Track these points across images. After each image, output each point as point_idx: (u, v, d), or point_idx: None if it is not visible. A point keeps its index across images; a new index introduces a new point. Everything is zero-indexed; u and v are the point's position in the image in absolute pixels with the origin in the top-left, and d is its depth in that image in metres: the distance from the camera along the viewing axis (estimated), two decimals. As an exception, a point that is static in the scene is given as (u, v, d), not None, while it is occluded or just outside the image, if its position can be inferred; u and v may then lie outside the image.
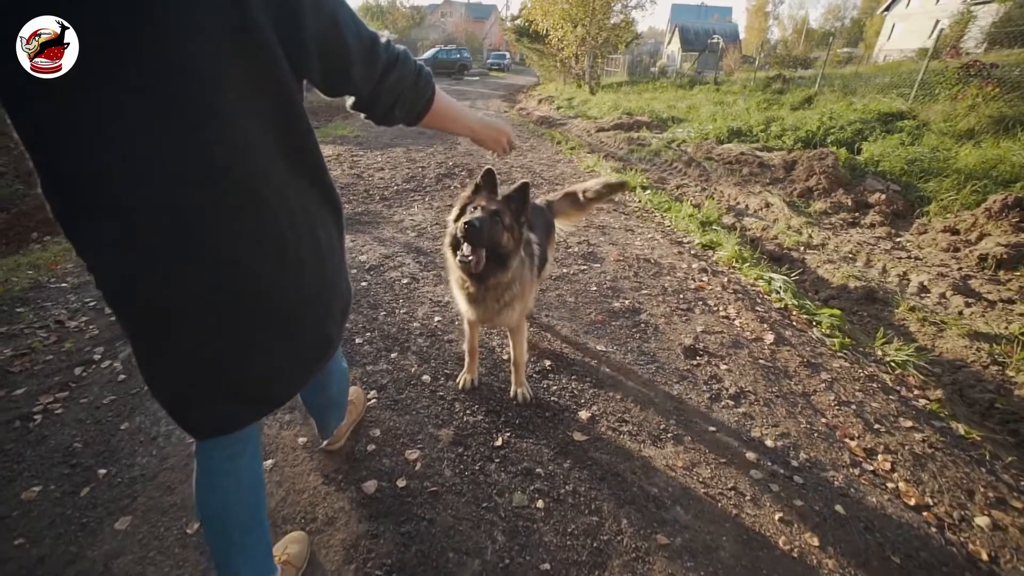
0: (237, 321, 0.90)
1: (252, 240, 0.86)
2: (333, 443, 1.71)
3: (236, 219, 0.83)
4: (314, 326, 1.03)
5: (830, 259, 4.18)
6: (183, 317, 0.87)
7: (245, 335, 0.92)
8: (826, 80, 10.51)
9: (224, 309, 0.88)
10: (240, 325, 0.90)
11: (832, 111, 7.85)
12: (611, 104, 12.00)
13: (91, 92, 0.71)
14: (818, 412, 2.07)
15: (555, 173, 6.07)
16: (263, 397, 1.02)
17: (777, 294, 3.14)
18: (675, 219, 4.41)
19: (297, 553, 1.34)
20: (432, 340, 2.38)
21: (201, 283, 0.84)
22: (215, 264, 0.84)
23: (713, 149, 7.58)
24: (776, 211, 5.35)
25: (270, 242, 0.88)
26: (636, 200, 5.03)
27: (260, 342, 0.94)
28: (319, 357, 1.08)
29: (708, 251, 3.83)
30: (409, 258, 3.27)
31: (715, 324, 2.69)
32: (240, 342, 0.92)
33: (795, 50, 35.32)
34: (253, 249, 0.86)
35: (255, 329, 0.92)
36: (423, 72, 1.01)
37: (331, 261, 1.02)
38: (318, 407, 1.50)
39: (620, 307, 2.79)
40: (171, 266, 0.82)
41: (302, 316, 0.99)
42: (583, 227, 4.07)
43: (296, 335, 1.00)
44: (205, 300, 0.86)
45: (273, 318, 0.94)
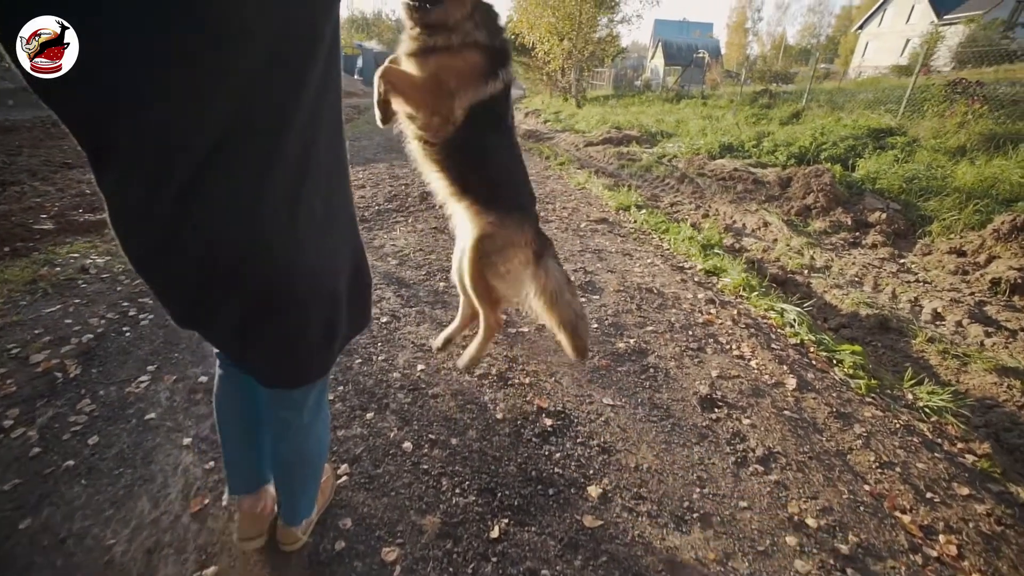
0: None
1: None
2: (291, 540, 1.39)
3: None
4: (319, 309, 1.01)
5: (837, 283, 3.98)
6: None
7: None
8: (812, 95, 10.52)
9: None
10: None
11: (823, 127, 7.78)
12: (599, 118, 11.89)
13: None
14: (859, 477, 1.81)
15: (545, 190, 5.82)
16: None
17: (792, 328, 2.90)
18: (674, 242, 4.17)
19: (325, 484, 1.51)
20: (414, 395, 2.07)
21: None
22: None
23: (705, 164, 7.44)
24: (775, 230, 5.16)
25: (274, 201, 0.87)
26: (632, 220, 4.79)
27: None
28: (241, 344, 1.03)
29: (712, 278, 3.59)
30: (390, 291, 2.96)
31: (730, 366, 2.43)
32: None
33: (775, 65, 36.05)
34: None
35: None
36: None
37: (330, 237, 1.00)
38: (280, 465, 1.32)
39: (625, 348, 2.51)
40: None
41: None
42: (578, 251, 3.81)
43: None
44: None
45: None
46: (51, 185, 5.17)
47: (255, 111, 0.81)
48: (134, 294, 2.79)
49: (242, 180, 0.84)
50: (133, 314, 2.58)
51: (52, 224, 3.94)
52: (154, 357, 2.23)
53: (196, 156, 0.79)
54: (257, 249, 0.88)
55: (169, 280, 0.93)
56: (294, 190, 0.89)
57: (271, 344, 1.01)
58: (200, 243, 0.85)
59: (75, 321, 2.48)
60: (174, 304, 0.97)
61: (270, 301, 0.94)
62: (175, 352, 2.27)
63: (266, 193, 0.85)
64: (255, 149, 0.83)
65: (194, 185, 0.81)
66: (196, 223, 0.83)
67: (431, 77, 1.40)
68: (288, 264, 0.91)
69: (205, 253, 0.86)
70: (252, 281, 0.91)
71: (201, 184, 0.81)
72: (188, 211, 0.82)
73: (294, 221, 0.90)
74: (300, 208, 0.90)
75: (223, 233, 0.85)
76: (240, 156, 0.82)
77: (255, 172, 0.84)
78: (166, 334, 2.40)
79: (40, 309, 2.57)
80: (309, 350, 1.06)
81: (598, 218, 4.71)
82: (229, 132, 0.80)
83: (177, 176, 0.80)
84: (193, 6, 0.70)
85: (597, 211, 5.00)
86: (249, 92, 0.79)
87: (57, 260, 3.23)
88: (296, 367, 1.08)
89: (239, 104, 0.79)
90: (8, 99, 9.51)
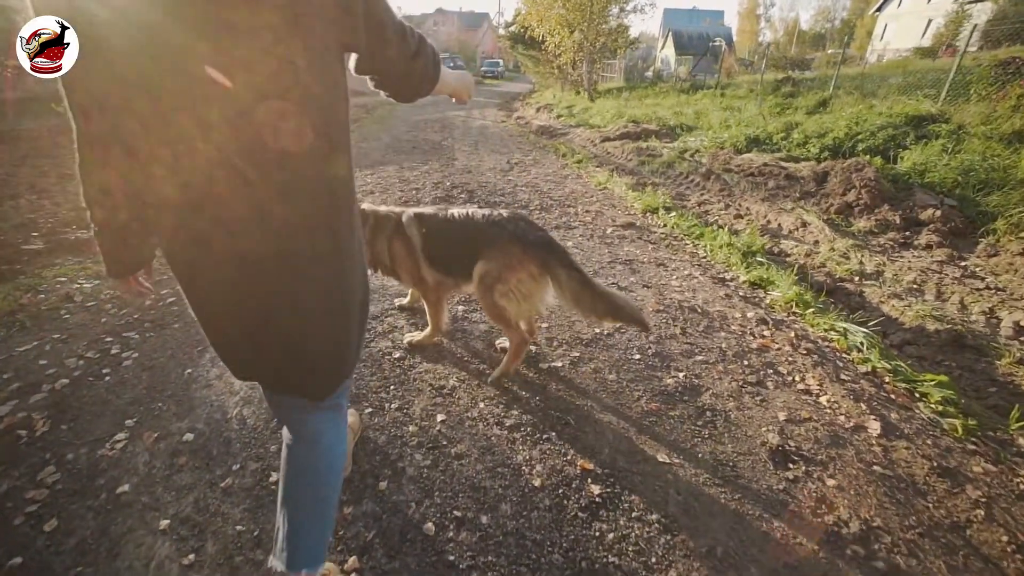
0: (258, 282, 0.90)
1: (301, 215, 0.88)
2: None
3: (288, 192, 0.85)
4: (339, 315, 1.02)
5: (894, 292, 3.59)
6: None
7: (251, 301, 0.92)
8: (839, 82, 9.97)
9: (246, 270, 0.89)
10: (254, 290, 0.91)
11: (856, 115, 7.28)
12: (614, 111, 11.45)
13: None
14: (994, 565, 1.45)
15: (564, 192, 5.47)
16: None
17: (859, 352, 2.53)
18: (711, 249, 3.80)
19: (354, 422, 1.66)
20: (435, 455, 1.75)
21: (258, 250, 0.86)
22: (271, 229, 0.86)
23: (731, 159, 7.01)
24: (815, 231, 4.76)
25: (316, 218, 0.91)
26: (661, 224, 4.42)
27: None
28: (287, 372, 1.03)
29: (758, 291, 3.22)
30: (402, 318, 2.65)
31: (798, 406, 2.07)
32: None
33: (788, 52, 34.95)
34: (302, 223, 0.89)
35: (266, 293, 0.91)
36: (434, 50, 1.09)
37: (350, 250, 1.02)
38: (288, 498, 1.13)
39: (675, 385, 2.17)
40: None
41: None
42: (608, 263, 3.46)
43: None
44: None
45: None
46: (48, 199, 4.94)
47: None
48: (119, 326, 2.52)
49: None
50: (116, 352, 2.30)
51: (42, 243, 3.69)
52: (134, 408, 1.94)
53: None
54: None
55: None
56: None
57: (332, 349, 1.04)
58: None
59: (50, 362, 2.21)
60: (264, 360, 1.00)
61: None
62: (158, 401, 1.98)
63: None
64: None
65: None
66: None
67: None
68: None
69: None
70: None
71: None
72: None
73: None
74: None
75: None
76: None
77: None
78: (150, 378, 2.12)
79: (13, 347, 2.30)
80: (351, 348, 1.08)
81: (625, 222, 4.35)
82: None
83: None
84: None
85: (623, 214, 4.64)
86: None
87: (42, 286, 2.97)
88: (343, 366, 1.08)
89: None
90: None
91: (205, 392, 2.03)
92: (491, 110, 15.72)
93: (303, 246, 0.88)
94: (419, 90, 1.12)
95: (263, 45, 0.74)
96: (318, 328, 0.97)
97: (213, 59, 0.72)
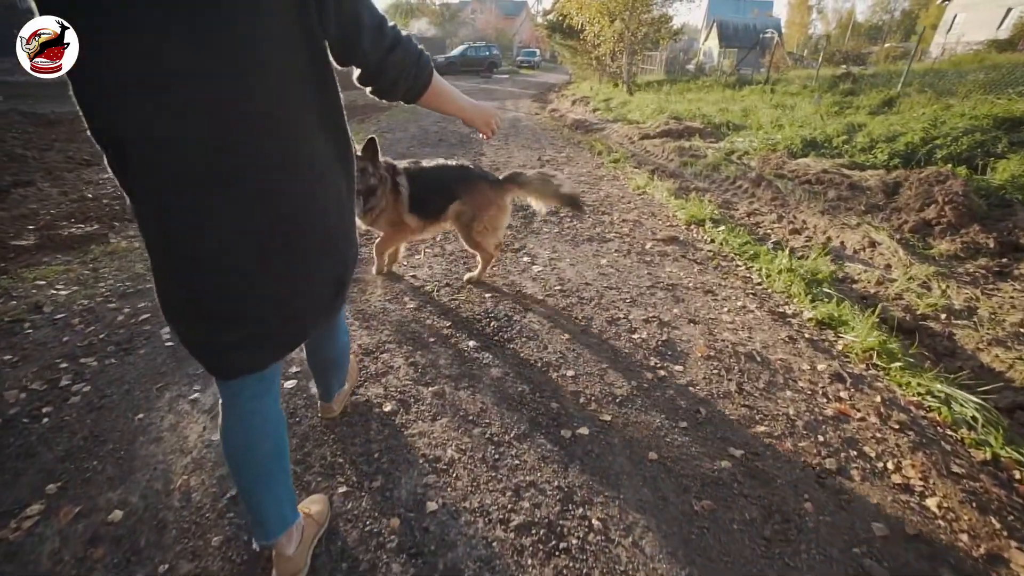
0: (267, 261, 0.97)
1: (286, 182, 0.94)
2: (331, 411, 1.79)
3: (271, 161, 0.91)
4: (330, 270, 1.12)
5: (995, 336, 2.98)
6: (219, 257, 0.93)
7: (274, 274, 0.99)
8: (909, 78, 9.03)
9: (257, 249, 0.95)
10: (270, 265, 0.98)
11: (933, 116, 6.47)
12: (655, 106, 10.76)
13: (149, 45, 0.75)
14: None
15: (599, 195, 4.97)
16: (285, 337, 1.10)
17: (970, 431, 1.99)
18: (767, 274, 3.26)
19: (319, 512, 1.40)
20: (418, 568, 1.33)
21: (240, 222, 0.91)
22: (252, 202, 0.91)
23: (785, 164, 6.35)
24: (887, 253, 4.12)
25: (301, 185, 0.97)
26: (708, 239, 3.89)
27: (285, 282, 1.02)
28: (333, 303, 1.20)
29: (826, 330, 2.68)
30: (400, 355, 2.24)
31: (898, 511, 1.57)
32: (267, 281, 0.99)
33: (841, 45, 32.81)
34: (286, 191, 0.95)
35: (283, 269, 1.00)
36: (423, 54, 1.09)
37: (348, 210, 1.14)
38: (323, 365, 1.60)
39: (731, 470, 1.69)
40: (218, 207, 0.89)
41: (322, 260, 1.08)
42: (648, 287, 2.98)
43: (316, 277, 1.09)
44: (242, 239, 0.93)
45: (299, 259, 1.02)
46: (58, 187, 4.77)
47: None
48: (80, 348, 2.20)
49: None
50: (66, 383, 1.97)
51: (34, 238, 3.46)
52: (64, 467, 1.60)
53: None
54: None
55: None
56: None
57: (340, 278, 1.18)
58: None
59: (-11, 394, 1.90)
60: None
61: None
62: (95, 459, 1.63)
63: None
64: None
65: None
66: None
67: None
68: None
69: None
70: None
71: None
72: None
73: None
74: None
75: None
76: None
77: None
78: (94, 423, 1.78)
79: (-45, 372, 2.01)
80: (347, 270, 1.20)
81: (666, 236, 3.83)
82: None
83: None
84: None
85: (664, 226, 4.12)
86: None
87: (17, 289, 2.70)
88: (342, 285, 1.21)
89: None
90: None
91: (152, 449, 1.67)
92: (525, 101, 15.18)
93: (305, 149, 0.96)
94: (396, 84, 1.08)
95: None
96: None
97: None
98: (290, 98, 0.89)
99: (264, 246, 0.94)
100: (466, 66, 27.58)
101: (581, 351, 2.31)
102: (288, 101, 0.89)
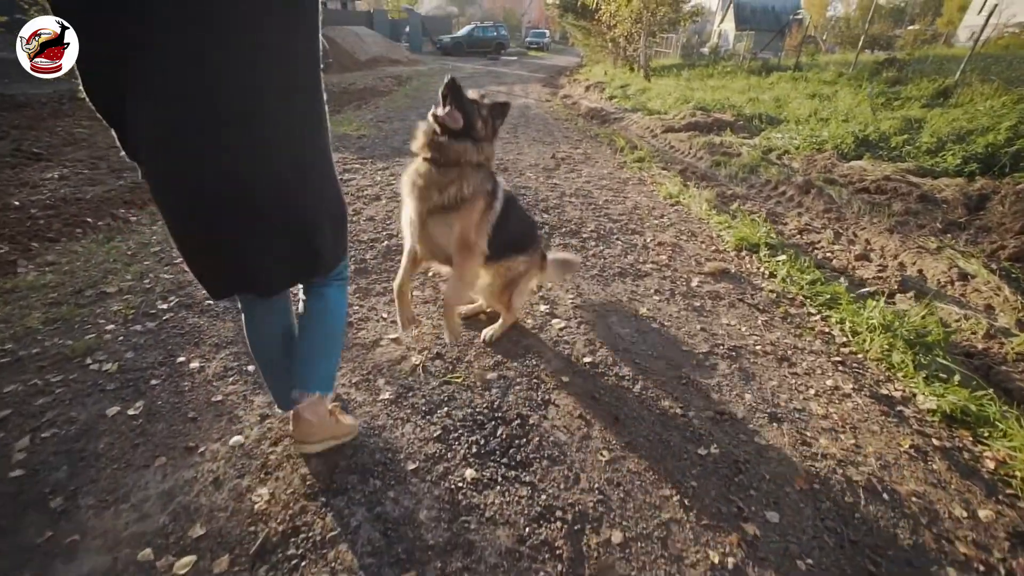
0: (236, 217, 1.12)
1: (253, 142, 1.07)
2: (301, 430, 1.50)
3: (250, 115, 1.04)
4: (299, 235, 1.23)
5: None
6: (199, 208, 1.09)
7: (240, 230, 1.14)
8: (970, 63, 8.08)
9: (227, 206, 1.10)
10: (238, 222, 1.13)
11: (1015, 110, 5.60)
12: (677, 95, 9.86)
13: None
14: None
15: (626, 207, 4.20)
16: (256, 281, 1.26)
17: None
18: (854, 331, 2.51)
19: (349, 423, 1.66)
20: None
21: (219, 177, 1.06)
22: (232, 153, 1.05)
23: (835, 167, 5.54)
24: (984, 289, 3.35)
25: (265, 149, 1.09)
26: (766, 272, 3.13)
27: (251, 239, 1.16)
28: (309, 266, 1.33)
29: (958, 429, 1.95)
30: (359, 502, 1.52)
31: None
32: (236, 236, 1.15)
33: (863, 28, 31.17)
34: (253, 150, 1.07)
35: (247, 227, 1.14)
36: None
37: (312, 180, 1.21)
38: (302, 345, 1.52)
39: None
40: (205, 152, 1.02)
41: (283, 223, 1.18)
42: (703, 353, 2.24)
43: (277, 237, 1.19)
44: (223, 196, 1.08)
45: (256, 221, 1.14)
46: (60, 170, 4.41)
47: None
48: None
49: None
50: None
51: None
52: None
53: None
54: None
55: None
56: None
57: (314, 249, 1.29)
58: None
59: None
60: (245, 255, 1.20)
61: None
62: None
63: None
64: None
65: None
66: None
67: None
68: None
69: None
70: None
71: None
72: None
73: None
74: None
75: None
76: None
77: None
78: None
79: None
80: (325, 247, 1.32)
81: (715, 268, 3.08)
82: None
83: None
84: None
85: (709, 251, 3.37)
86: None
87: None
88: (317, 254, 1.31)
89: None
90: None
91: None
92: (534, 86, 14.25)
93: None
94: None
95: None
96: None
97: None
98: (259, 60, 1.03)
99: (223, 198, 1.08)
100: (473, 47, 26.45)
101: (629, 486, 1.57)
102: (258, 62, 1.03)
